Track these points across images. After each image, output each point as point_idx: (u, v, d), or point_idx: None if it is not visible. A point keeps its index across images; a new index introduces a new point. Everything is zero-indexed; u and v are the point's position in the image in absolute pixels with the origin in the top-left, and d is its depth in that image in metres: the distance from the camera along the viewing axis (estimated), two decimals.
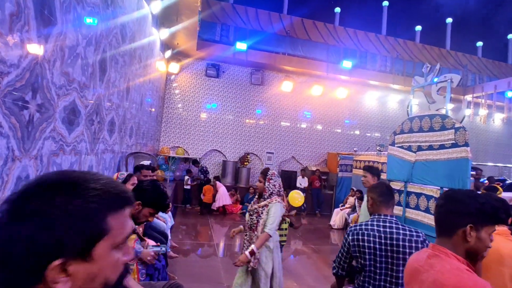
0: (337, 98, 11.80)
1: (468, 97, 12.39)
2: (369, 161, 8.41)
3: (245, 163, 10.78)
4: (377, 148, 8.22)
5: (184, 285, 2.42)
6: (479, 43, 15.16)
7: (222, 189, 9.03)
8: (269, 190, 2.85)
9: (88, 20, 2.78)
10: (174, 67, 10.09)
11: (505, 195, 4.68)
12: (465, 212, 1.21)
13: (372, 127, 12.65)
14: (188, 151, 10.73)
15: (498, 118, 13.95)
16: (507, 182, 6.94)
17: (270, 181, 2.88)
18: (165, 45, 9.23)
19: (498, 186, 4.55)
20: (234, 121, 11.17)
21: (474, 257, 1.22)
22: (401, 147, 5.23)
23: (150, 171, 3.87)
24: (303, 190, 10.01)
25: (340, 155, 10.41)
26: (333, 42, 12.18)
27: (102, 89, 3.35)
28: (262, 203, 2.82)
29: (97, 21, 3.01)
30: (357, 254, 1.87)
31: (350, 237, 1.90)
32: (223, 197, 8.97)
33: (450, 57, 14.07)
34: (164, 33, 7.75)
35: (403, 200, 5.10)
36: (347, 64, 10.93)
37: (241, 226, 3.26)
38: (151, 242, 3.07)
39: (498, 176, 10.29)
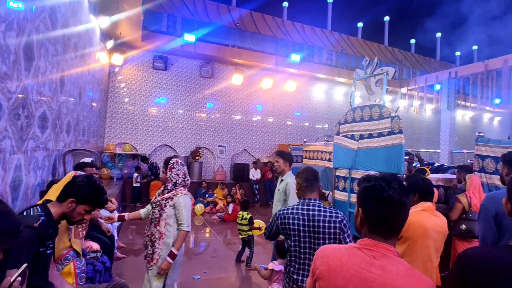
0: (287, 91, 12.09)
1: (403, 90, 13.49)
2: (317, 151, 8.78)
3: (197, 158, 10.61)
4: (325, 139, 8.61)
5: (131, 286, 2.31)
6: (413, 40, 16.55)
7: None
8: (172, 180, 2.66)
9: (8, 1, 2.47)
10: (118, 58, 9.50)
11: (432, 176, 5.20)
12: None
13: (320, 119, 13.20)
14: (136, 147, 10.23)
15: (428, 109, 15.44)
16: (435, 165, 7.72)
17: (172, 170, 2.70)
18: (106, 35, 8.63)
19: (427, 169, 5.03)
20: (184, 115, 10.88)
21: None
22: (345, 136, 5.53)
23: (93, 168, 3.60)
24: (256, 182, 10.16)
25: (291, 146, 10.71)
26: (281, 35, 12.40)
27: (29, 79, 3.02)
28: (166, 195, 2.62)
29: (19, 3, 2.69)
30: (286, 236, 1.99)
31: (278, 221, 2.01)
32: None
33: (387, 53, 15.16)
34: (104, 22, 7.23)
35: (348, 186, 5.41)
36: (295, 57, 11.22)
37: (140, 212, 2.95)
38: (94, 245, 2.89)
39: (428, 160, 11.40)
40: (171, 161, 2.76)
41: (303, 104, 12.81)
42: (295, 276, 1.91)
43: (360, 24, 14.98)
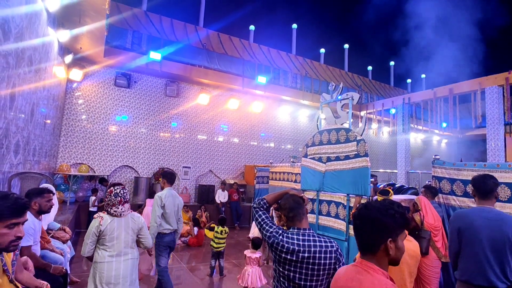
0: (253, 112, 12.19)
1: (363, 113, 14.24)
2: (284, 172, 8.83)
3: (160, 179, 10.16)
4: (291, 160, 8.70)
5: None
6: (370, 67, 17.72)
7: (148, 209, 7.98)
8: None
9: None
10: (77, 74, 9.01)
11: (395, 197, 5.40)
12: (383, 229, 1.28)
13: (285, 140, 13.41)
14: (93, 168, 9.58)
15: (385, 131, 16.37)
16: (396, 185, 8.09)
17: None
18: (65, 49, 8.18)
19: (390, 189, 5.20)
20: (147, 135, 10.48)
21: (396, 263, 1.32)
22: (313, 158, 5.61)
23: (50, 194, 3.16)
24: (223, 204, 9.91)
25: (256, 167, 10.69)
26: (248, 57, 12.63)
27: None
28: None
29: None
30: (277, 256, 1.88)
31: (278, 239, 1.89)
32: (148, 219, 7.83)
33: (348, 78, 16.03)
34: (64, 35, 6.85)
35: (316, 208, 5.44)
36: (262, 79, 11.42)
37: None
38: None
39: (388, 180, 11.99)
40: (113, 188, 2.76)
41: (268, 125, 12.97)
42: None
43: (322, 50, 15.77)
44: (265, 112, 12.63)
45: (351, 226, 4.81)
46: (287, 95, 12.61)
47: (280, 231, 1.91)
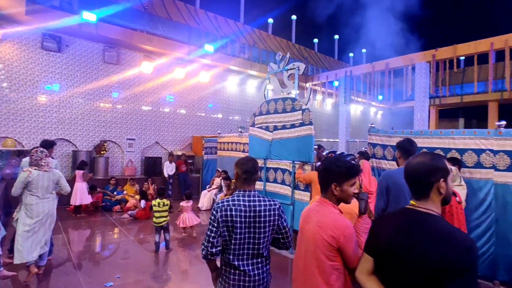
0: (200, 82, 11.86)
1: (308, 84, 14.72)
2: (232, 142, 8.92)
3: (102, 152, 9.61)
4: (239, 130, 8.79)
5: None
6: (316, 40, 18.12)
7: (79, 185, 7.40)
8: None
9: None
10: None
11: None
12: (330, 175, 1.76)
13: (234, 111, 13.40)
14: (21, 142, 8.66)
15: (329, 103, 17.22)
16: (337, 152, 8.69)
17: (32, 157, 3.96)
18: None
19: (331, 156, 5.59)
20: (85, 105, 9.66)
21: (345, 201, 1.79)
22: (260, 127, 5.75)
23: None
24: (171, 176, 9.76)
25: (205, 138, 10.62)
26: (194, 24, 12.05)
27: None
28: None
29: None
30: (225, 229, 1.94)
31: (219, 213, 1.94)
32: (80, 194, 7.34)
33: (295, 49, 16.25)
34: None
35: (264, 175, 5.67)
36: (209, 48, 11.06)
37: None
38: None
39: (330, 149, 12.82)
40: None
41: (216, 95, 12.79)
42: (236, 263, 1.94)
43: (270, 20, 15.64)
44: (212, 82, 12.38)
45: (296, 191, 5.14)
46: (235, 65, 12.45)
47: (217, 207, 1.98)
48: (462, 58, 11.74)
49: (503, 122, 3.99)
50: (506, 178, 3.87)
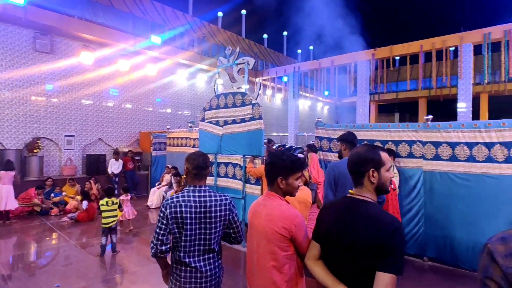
0: (147, 75, 11.33)
1: (258, 79, 14.90)
2: (182, 138, 8.71)
3: (35, 151, 8.72)
4: (189, 125, 8.60)
5: None
6: (265, 35, 18.35)
7: (5, 188, 6.57)
8: None
9: None
10: None
11: None
12: (275, 169, 1.78)
13: (183, 105, 13.06)
14: None
15: (278, 98, 17.61)
16: (286, 146, 8.96)
17: None
18: None
19: (281, 149, 5.74)
20: (13, 99, 8.65)
21: (290, 194, 1.83)
22: (210, 122, 5.69)
23: None
24: (116, 174, 9.23)
25: (153, 133, 10.21)
26: (139, 13, 11.43)
27: None
28: None
29: None
30: (175, 226, 1.90)
31: (168, 210, 1.90)
32: (6, 199, 6.54)
33: (245, 44, 16.29)
34: None
35: (215, 170, 5.63)
36: (156, 39, 10.60)
37: None
38: None
39: (280, 142, 13.16)
40: None
41: (165, 89, 12.33)
42: (187, 260, 1.91)
43: (220, 14, 15.44)
44: (160, 76, 11.90)
45: (247, 185, 5.20)
46: (185, 58, 12.10)
47: (166, 203, 1.94)
48: (398, 58, 12.80)
49: (430, 117, 4.45)
50: (432, 166, 4.33)
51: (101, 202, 5.00)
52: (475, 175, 3.98)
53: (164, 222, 1.90)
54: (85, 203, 6.97)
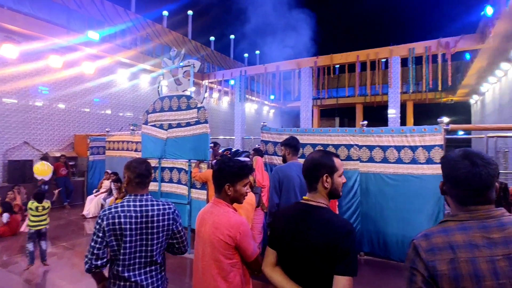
0: (83, 73, 10.47)
1: (205, 82, 14.74)
2: (123, 141, 8.22)
3: None
4: (131, 128, 8.15)
5: None
6: (212, 38, 18.22)
7: None
8: None
9: None
10: None
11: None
12: (224, 176, 1.79)
13: (125, 106, 12.35)
14: None
15: (225, 101, 17.61)
16: (233, 149, 8.98)
17: None
18: None
19: (227, 154, 5.76)
20: None
21: (238, 201, 1.84)
22: (154, 125, 5.46)
23: None
24: (44, 182, 8.34)
25: (90, 136, 9.46)
26: (74, 6, 10.55)
27: None
28: None
29: None
30: (113, 238, 1.78)
31: (105, 222, 1.77)
32: None
33: (191, 45, 15.99)
34: None
35: (159, 175, 5.42)
36: (93, 35, 9.87)
37: None
38: None
39: (226, 146, 13.15)
40: None
41: (104, 89, 11.52)
42: (126, 274, 1.78)
43: (165, 13, 14.95)
44: (99, 74, 11.09)
45: (193, 190, 5.09)
46: (127, 57, 11.46)
47: (102, 215, 1.81)
48: (337, 66, 13.67)
49: (365, 122, 4.83)
50: (367, 168, 4.70)
51: (29, 205, 4.49)
52: (402, 175, 4.41)
53: (100, 234, 1.77)
54: (5, 215, 6.17)
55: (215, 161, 5.86)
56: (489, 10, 8.13)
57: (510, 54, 9.57)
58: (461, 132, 14.62)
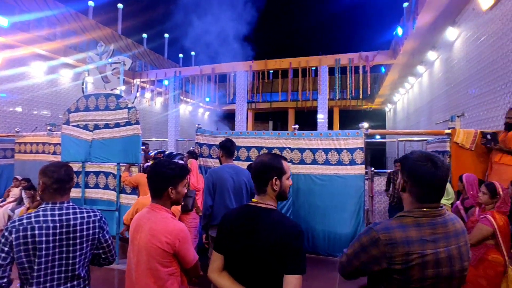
0: None
1: (137, 81, 13.95)
2: (38, 143, 7.32)
3: None
4: (48, 128, 7.28)
5: None
6: (145, 35, 17.35)
7: None
8: None
9: None
10: None
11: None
12: (164, 179, 1.72)
13: (40, 104, 10.98)
14: None
15: (158, 101, 16.90)
16: (166, 152, 8.66)
17: None
18: None
19: (160, 157, 5.54)
20: None
21: (178, 203, 1.81)
22: (77, 126, 4.98)
23: None
24: None
25: None
26: None
27: None
28: None
29: None
30: (23, 254, 1.56)
31: (14, 235, 1.55)
32: None
33: (121, 41, 14.98)
34: None
35: (82, 180, 4.95)
36: (1, 20, 8.59)
37: None
38: None
39: (159, 148, 12.61)
40: None
41: (14, 83, 10.09)
42: None
43: (91, 3, 13.75)
44: (8, 66, 9.68)
45: (122, 195, 4.77)
46: (44, 49, 10.22)
47: (10, 227, 1.59)
48: (271, 71, 14.20)
49: (297, 126, 5.11)
50: (299, 170, 4.97)
51: None
52: (329, 176, 4.78)
53: (6, 249, 1.54)
54: None
55: (146, 164, 5.59)
56: (399, 31, 9.31)
57: (416, 70, 11.09)
58: (378, 136, 16.44)
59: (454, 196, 4.21)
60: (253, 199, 1.54)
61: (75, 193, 4.93)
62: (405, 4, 8.77)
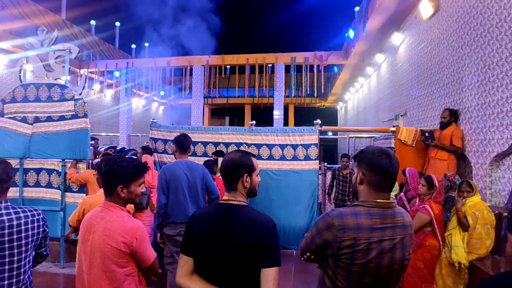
0: None
1: (84, 71, 12.99)
2: None
3: None
4: None
5: None
6: (93, 22, 16.17)
7: None
8: None
9: None
10: None
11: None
12: (117, 178, 1.64)
13: None
14: None
15: (108, 94, 15.93)
16: (118, 148, 8.23)
17: None
18: None
19: (111, 152, 5.23)
20: None
21: (133, 202, 1.74)
22: (14, 118, 4.51)
23: None
24: None
25: None
26: None
27: None
28: None
29: None
30: None
31: None
32: None
33: (66, 27, 13.81)
34: None
35: (20, 179, 4.51)
36: None
37: None
38: None
39: (110, 144, 11.91)
40: None
41: None
42: None
43: None
44: None
45: (68, 194, 4.44)
46: None
47: None
48: (228, 67, 14.13)
49: (254, 122, 5.16)
50: (259, 165, 5.03)
51: None
52: (285, 171, 4.90)
53: None
54: None
55: (95, 160, 5.26)
56: (351, 33, 9.81)
57: (365, 71, 11.79)
58: (330, 133, 17.22)
59: (398, 188, 4.58)
60: (224, 197, 1.52)
61: (12, 192, 4.47)
62: (357, 8, 9.24)
